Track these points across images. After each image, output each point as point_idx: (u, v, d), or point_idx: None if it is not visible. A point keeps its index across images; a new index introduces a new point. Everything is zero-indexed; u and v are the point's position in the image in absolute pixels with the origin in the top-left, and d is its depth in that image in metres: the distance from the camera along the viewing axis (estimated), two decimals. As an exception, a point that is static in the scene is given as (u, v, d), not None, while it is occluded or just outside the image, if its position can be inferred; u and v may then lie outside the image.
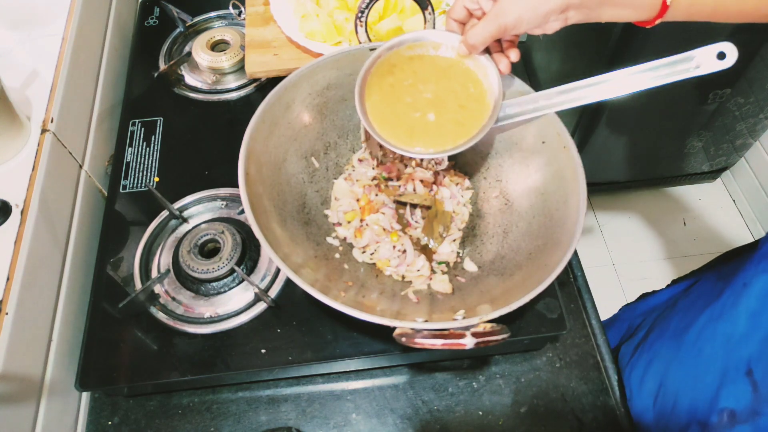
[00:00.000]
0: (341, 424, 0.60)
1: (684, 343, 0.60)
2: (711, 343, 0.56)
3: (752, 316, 0.52)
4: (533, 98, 0.54)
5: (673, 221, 1.66)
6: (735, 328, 0.54)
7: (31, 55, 0.70)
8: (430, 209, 0.61)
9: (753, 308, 0.53)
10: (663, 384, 0.60)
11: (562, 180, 0.55)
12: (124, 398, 0.61)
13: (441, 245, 0.60)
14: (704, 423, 0.53)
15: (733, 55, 0.45)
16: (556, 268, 0.47)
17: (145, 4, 0.92)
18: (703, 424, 0.53)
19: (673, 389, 0.59)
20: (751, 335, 0.52)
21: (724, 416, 0.52)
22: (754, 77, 1.22)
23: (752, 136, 1.45)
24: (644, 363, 0.64)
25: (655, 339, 0.65)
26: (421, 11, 0.62)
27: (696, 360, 0.57)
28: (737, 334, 0.53)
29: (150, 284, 0.61)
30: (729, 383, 0.52)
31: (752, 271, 0.54)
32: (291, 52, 0.77)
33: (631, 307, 0.82)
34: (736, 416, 0.51)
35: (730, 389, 0.52)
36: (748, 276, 0.54)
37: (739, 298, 0.54)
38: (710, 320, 0.57)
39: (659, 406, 0.60)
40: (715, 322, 0.56)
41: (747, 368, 0.51)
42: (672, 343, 0.62)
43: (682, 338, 0.60)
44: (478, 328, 0.43)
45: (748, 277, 0.54)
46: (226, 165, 0.69)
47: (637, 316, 0.77)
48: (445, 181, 0.64)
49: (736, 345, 0.53)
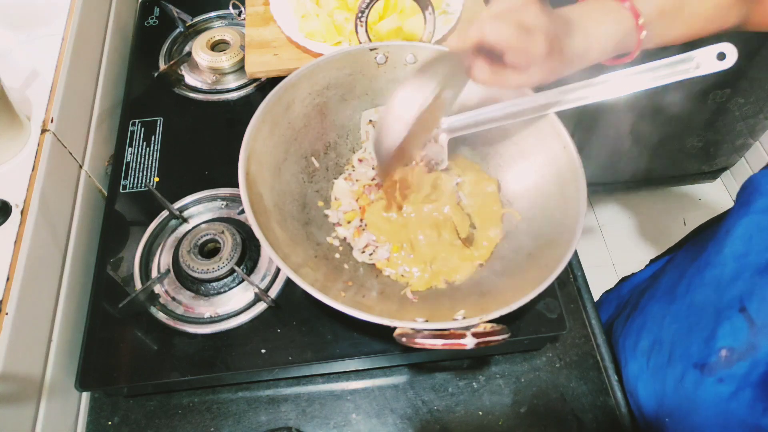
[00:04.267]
0: (341, 424, 0.60)
1: (676, 296, 0.61)
2: (701, 290, 0.58)
3: (738, 258, 0.55)
4: (533, 98, 0.54)
5: (673, 221, 1.66)
6: (723, 271, 0.56)
7: (31, 55, 0.70)
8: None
9: (738, 251, 0.55)
10: (657, 340, 0.61)
11: (562, 180, 0.55)
12: (124, 398, 0.61)
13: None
14: (702, 364, 0.54)
15: (733, 56, 0.45)
16: (556, 268, 0.47)
17: (145, 4, 0.92)
18: (701, 365, 0.54)
19: (669, 341, 0.60)
20: (740, 275, 0.54)
21: (722, 354, 0.53)
22: (754, 77, 1.22)
23: (752, 136, 1.45)
24: (637, 327, 0.65)
25: (646, 302, 0.67)
26: (421, 11, 0.62)
27: (689, 309, 0.59)
28: (726, 276, 0.55)
29: (150, 284, 0.61)
30: (724, 322, 0.53)
31: (733, 218, 0.57)
32: (291, 52, 0.77)
33: (614, 291, 0.84)
34: (735, 352, 0.52)
35: (726, 328, 0.53)
36: (729, 224, 0.57)
37: (723, 244, 0.56)
38: (697, 270, 0.59)
39: (653, 362, 0.61)
40: (702, 271, 0.58)
41: (740, 306, 0.52)
42: (663, 299, 0.64)
43: (673, 293, 0.62)
44: (478, 328, 0.43)
45: (729, 224, 0.57)
46: (226, 165, 0.69)
47: (623, 295, 0.79)
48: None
49: (727, 287, 0.55)
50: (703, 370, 0.54)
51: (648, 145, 1.44)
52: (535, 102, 0.54)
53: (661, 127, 1.36)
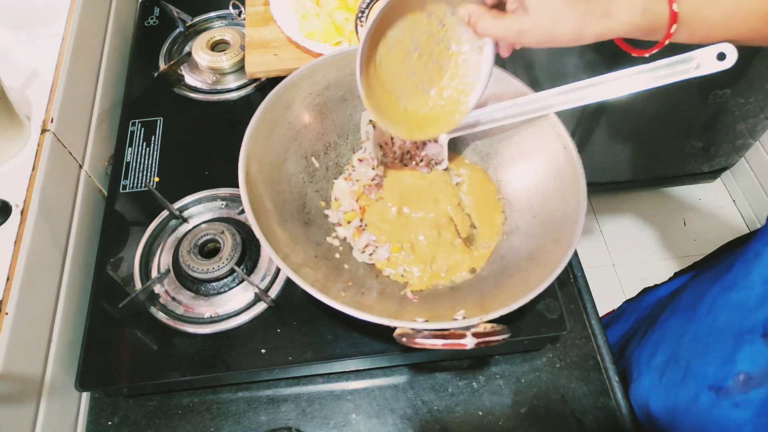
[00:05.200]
0: (341, 424, 0.60)
1: (696, 314, 0.60)
2: (724, 311, 0.57)
3: (767, 282, 0.53)
4: (533, 98, 0.54)
5: (673, 221, 1.66)
6: (749, 294, 0.54)
7: (31, 55, 0.70)
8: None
9: (767, 274, 0.54)
10: (672, 357, 0.61)
11: (562, 180, 0.55)
12: (124, 398, 0.61)
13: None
14: (718, 387, 0.54)
15: (733, 56, 0.45)
16: (556, 268, 0.47)
17: (145, 4, 0.92)
18: (717, 389, 0.54)
19: (685, 359, 0.59)
20: (767, 299, 0.53)
21: (739, 379, 0.52)
22: (754, 77, 1.22)
23: (752, 136, 1.45)
24: (654, 341, 0.64)
25: (666, 317, 0.66)
26: (421, 11, 0.61)
27: (710, 328, 0.57)
28: (751, 300, 0.54)
29: (150, 284, 0.61)
30: (745, 346, 0.52)
31: (764, 240, 0.55)
32: (291, 52, 0.77)
33: (635, 302, 0.82)
34: (753, 378, 0.51)
35: (746, 352, 0.52)
36: (759, 246, 0.56)
37: (752, 266, 0.55)
38: (722, 290, 0.58)
39: (667, 379, 0.60)
40: (727, 292, 0.57)
41: (763, 331, 0.51)
42: (683, 316, 0.63)
43: (694, 311, 0.61)
44: (478, 328, 0.43)
45: (759, 247, 0.55)
46: (226, 165, 0.69)
47: (643, 308, 0.78)
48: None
49: (751, 310, 0.54)
50: (719, 392, 0.53)
51: (648, 145, 1.44)
52: (535, 102, 0.54)
53: (661, 127, 1.36)
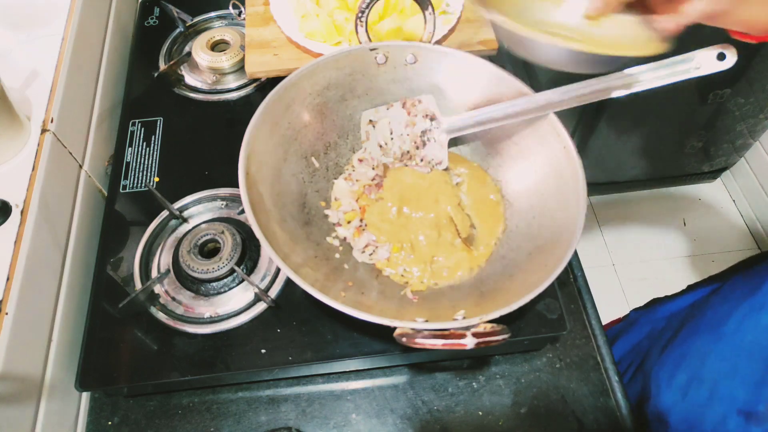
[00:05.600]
0: (341, 424, 0.60)
1: (723, 335, 0.59)
2: (754, 332, 0.56)
3: None
4: (533, 98, 0.54)
5: (673, 221, 1.66)
6: None
7: (31, 55, 0.70)
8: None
9: None
10: (696, 376, 0.60)
11: (562, 180, 0.55)
12: (124, 398, 0.61)
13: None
14: (749, 412, 0.53)
15: (733, 56, 0.45)
16: (556, 268, 0.47)
17: (145, 4, 0.92)
18: (747, 414, 0.53)
19: (711, 379, 0.58)
20: None
21: None
22: (754, 77, 1.22)
23: (752, 136, 1.45)
24: (675, 359, 0.63)
25: (688, 335, 0.65)
26: (421, 11, 0.61)
27: (738, 350, 0.57)
28: None
29: (150, 284, 0.61)
30: None
31: None
32: (291, 52, 0.77)
33: (648, 312, 0.81)
34: None
35: None
36: None
37: None
38: (751, 311, 0.57)
39: (691, 399, 0.59)
40: (757, 313, 0.56)
41: None
42: (708, 336, 0.61)
43: (719, 330, 0.60)
44: (478, 328, 0.43)
45: None
46: (226, 165, 0.69)
47: (657, 320, 0.77)
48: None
49: None
50: (749, 418, 0.52)
51: (648, 145, 1.44)
52: (535, 102, 0.54)
53: (661, 127, 1.36)
